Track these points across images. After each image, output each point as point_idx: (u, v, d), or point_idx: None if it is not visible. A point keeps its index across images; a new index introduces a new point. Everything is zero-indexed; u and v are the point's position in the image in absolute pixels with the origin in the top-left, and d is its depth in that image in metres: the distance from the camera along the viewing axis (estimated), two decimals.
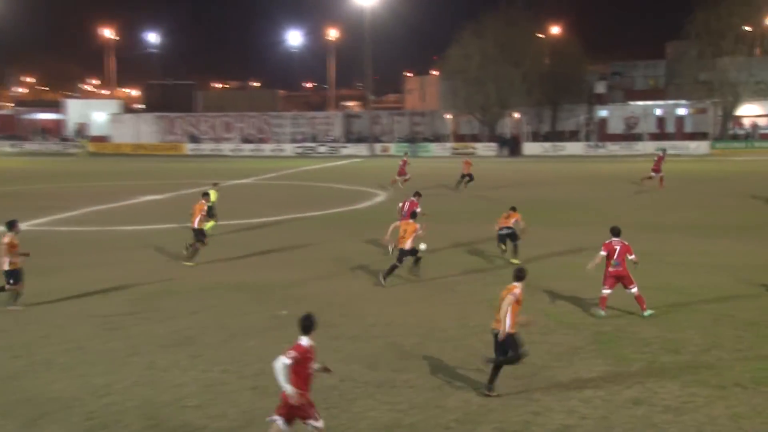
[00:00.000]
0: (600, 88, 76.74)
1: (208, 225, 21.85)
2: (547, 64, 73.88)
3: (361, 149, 71.96)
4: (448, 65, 71.97)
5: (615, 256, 12.91)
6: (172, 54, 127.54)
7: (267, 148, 75.37)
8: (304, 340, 7.53)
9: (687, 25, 64.40)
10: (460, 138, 74.85)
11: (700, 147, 62.48)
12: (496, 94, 69.31)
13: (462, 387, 9.76)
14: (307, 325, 7.57)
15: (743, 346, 11.19)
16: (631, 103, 73.58)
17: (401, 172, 35.18)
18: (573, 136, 73.63)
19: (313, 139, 77.18)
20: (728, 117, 67.99)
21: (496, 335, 9.62)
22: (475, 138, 73.08)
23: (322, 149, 73.13)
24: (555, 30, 78.18)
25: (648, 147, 64.16)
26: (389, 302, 14.21)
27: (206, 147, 76.81)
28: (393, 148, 72.22)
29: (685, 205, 28.10)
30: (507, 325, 9.45)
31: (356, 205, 29.92)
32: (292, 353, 7.37)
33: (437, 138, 75.62)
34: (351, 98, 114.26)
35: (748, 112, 69.66)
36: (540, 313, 13.16)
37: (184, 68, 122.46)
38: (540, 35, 75.82)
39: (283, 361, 7.29)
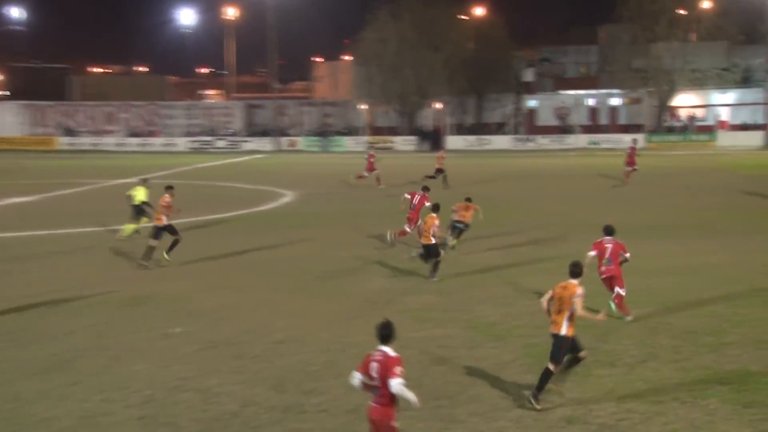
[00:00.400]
0: (528, 75, 78.62)
1: (130, 227, 22.44)
2: (470, 49, 75.19)
3: (265, 144, 71.40)
4: (362, 50, 72.17)
5: (607, 255, 13.62)
6: (41, 32, 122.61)
7: (157, 142, 73.75)
8: (392, 351, 7.77)
9: (619, 8, 66.48)
10: (376, 131, 75.31)
11: (636, 141, 64.79)
12: (415, 81, 70.04)
13: None
14: (388, 334, 7.83)
15: (681, 356, 11.66)
16: (562, 92, 75.65)
17: (370, 168, 35.29)
18: (500, 128, 75.27)
19: (211, 133, 76.01)
20: (664, 108, 70.95)
21: (555, 337, 9.97)
22: (394, 131, 73.67)
23: (221, 144, 72.14)
24: (479, 11, 79.69)
25: (580, 140, 66.37)
26: (300, 315, 14.14)
27: (84, 141, 74.54)
28: (302, 142, 71.98)
29: (623, 204, 29.12)
30: (566, 327, 9.89)
31: (260, 206, 29.69)
32: (400, 368, 7.61)
33: (351, 131, 75.83)
34: (253, 86, 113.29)
35: (685, 102, 72.83)
36: (465, 324, 13.38)
37: (55, 49, 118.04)
38: (463, 17, 77.09)
39: (399, 382, 7.57)
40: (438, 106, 74.34)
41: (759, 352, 11.68)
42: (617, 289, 13.67)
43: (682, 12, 68.25)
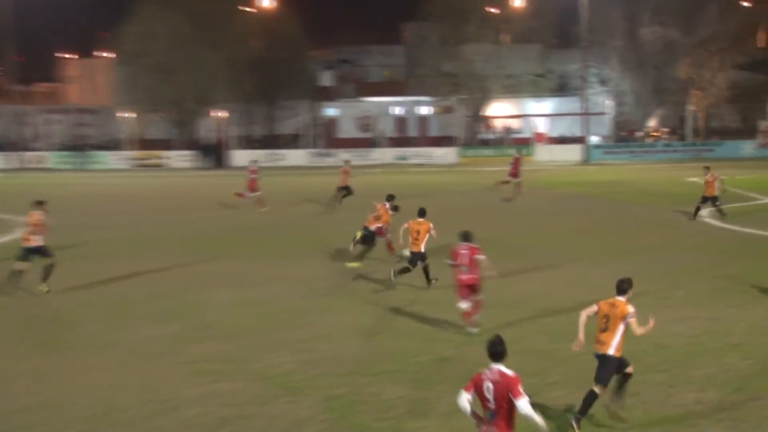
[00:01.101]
0: (326, 79, 79.96)
1: None
2: (258, 47, 75.21)
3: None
4: (125, 46, 69.71)
5: (463, 261, 15.21)
6: None
7: None
8: (508, 369, 8.45)
9: (426, 4, 69.02)
10: (145, 144, 73.44)
11: (448, 155, 67.79)
12: (191, 85, 68.78)
13: None
14: (501, 351, 8.55)
15: None
16: (365, 99, 77.46)
17: (252, 187, 35.17)
18: (294, 141, 75.82)
19: None
20: (477, 118, 74.65)
21: (601, 358, 10.85)
22: (167, 144, 72.14)
23: None
24: (266, 3, 79.92)
25: (386, 155, 68.21)
26: (44, 377, 13.39)
27: None
28: (51, 158, 68.84)
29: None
30: (615, 347, 10.81)
31: None
32: (521, 387, 8.25)
33: (113, 144, 73.41)
34: None
35: (499, 111, 77.03)
36: (254, 376, 13.24)
37: None
38: (248, 9, 76.86)
39: (528, 402, 8.24)
40: (221, 114, 73.71)
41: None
42: (470, 299, 15.20)
43: (493, 11, 72.13)
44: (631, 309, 10.90)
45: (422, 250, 18.60)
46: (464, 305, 15.30)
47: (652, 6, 68.48)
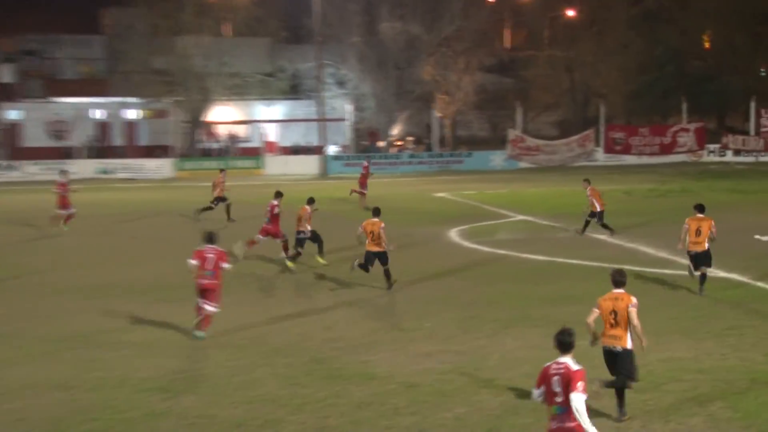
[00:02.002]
0: (6, 75, 76.22)
1: None
2: None
3: None
4: None
5: (207, 265, 17.53)
6: None
7: None
8: (575, 363, 9.67)
9: None
10: None
11: (163, 168, 66.91)
12: None
13: None
14: (569, 342, 9.83)
15: None
16: (57, 99, 74.51)
17: (63, 204, 34.90)
18: None
19: None
20: (197, 124, 74.02)
21: (611, 352, 12.75)
22: None
23: None
24: None
25: (86, 167, 66.10)
26: None
27: None
28: None
29: (150, 255, 30.03)
30: (630, 339, 12.69)
31: None
32: (582, 383, 9.36)
33: None
34: None
35: (224, 116, 76.84)
36: None
37: None
38: None
39: (581, 398, 9.32)
40: None
41: None
42: (209, 305, 17.56)
43: None
44: (634, 300, 12.86)
45: (384, 249, 21.99)
46: (213, 308, 17.69)
47: None
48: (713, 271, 22.01)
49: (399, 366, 16.14)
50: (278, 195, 27.26)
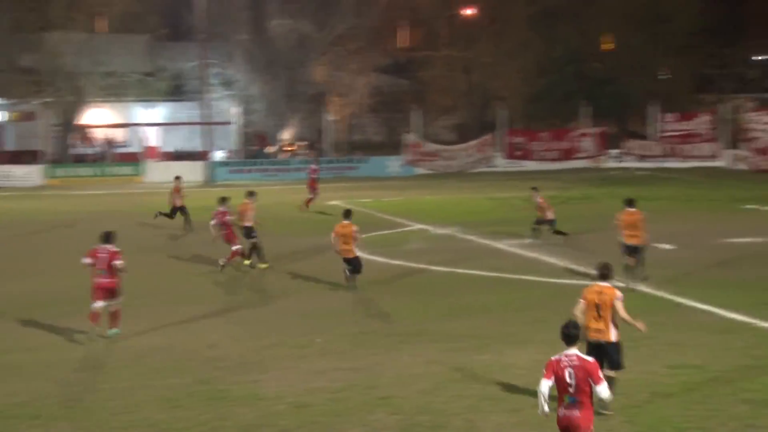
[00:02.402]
0: None
1: None
2: None
3: None
4: None
5: (100, 264, 18.86)
6: None
7: None
8: (582, 354, 10.83)
9: None
10: None
11: (31, 175, 65.50)
12: None
13: None
14: (576, 334, 10.89)
15: None
16: None
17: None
18: None
19: None
20: (70, 127, 72.57)
21: (597, 345, 13.41)
22: None
23: None
24: None
25: None
26: None
27: None
28: None
29: (22, 270, 29.42)
30: (615, 333, 13.64)
31: None
32: (601, 373, 10.66)
33: None
34: None
35: (99, 119, 75.43)
36: None
37: None
38: None
39: (606, 386, 10.63)
40: None
41: None
42: (113, 300, 19.04)
43: None
44: (618, 293, 13.77)
45: (356, 254, 24.13)
46: (98, 305, 18.89)
47: None
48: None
49: (289, 385, 16.13)
50: (224, 201, 28.27)
